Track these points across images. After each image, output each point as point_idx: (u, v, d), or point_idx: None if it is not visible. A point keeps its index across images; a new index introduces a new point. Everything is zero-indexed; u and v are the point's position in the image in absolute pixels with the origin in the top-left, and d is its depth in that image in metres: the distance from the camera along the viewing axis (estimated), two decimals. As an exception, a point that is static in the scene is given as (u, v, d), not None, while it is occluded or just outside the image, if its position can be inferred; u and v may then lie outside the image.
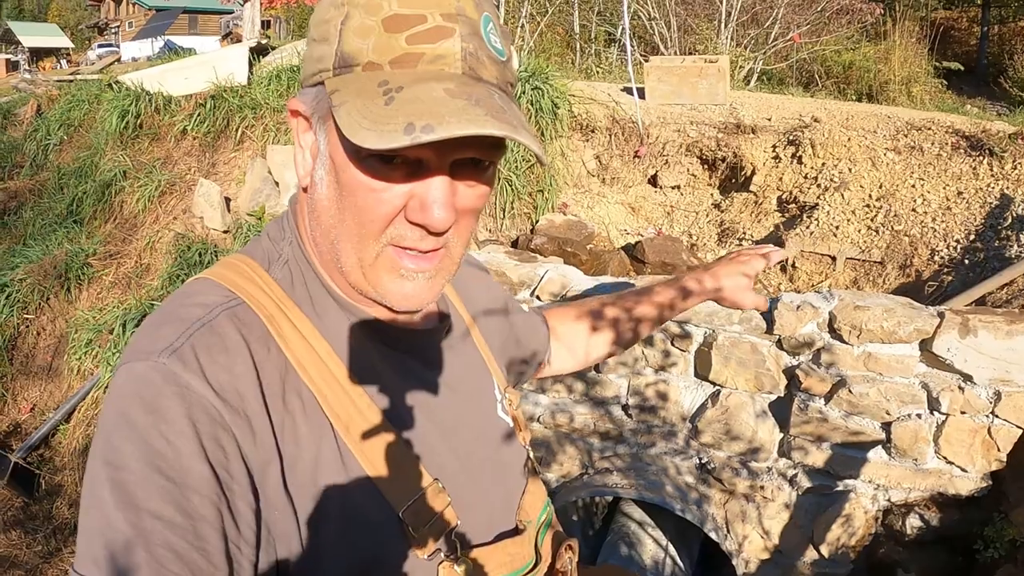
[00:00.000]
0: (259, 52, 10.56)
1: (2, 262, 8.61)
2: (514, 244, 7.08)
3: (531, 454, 1.50)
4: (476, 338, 1.49)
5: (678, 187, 7.91)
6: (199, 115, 8.87)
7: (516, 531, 1.34)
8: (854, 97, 12.45)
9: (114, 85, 10.01)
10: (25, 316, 8.08)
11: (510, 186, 7.35)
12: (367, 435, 1.10)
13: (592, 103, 8.22)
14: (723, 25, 17.94)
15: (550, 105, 7.83)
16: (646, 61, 8.65)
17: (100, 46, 60.74)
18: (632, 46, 12.17)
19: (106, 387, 6.36)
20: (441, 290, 1.17)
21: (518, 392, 1.58)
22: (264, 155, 7.96)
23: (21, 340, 8.06)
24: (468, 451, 1.29)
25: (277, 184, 7.68)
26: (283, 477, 1.03)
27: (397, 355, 1.23)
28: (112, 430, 0.94)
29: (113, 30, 76.48)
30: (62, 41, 79.42)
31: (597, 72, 13.56)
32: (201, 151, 8.87)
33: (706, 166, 7.84)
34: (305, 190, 1.14)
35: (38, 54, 74.23)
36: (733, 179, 7.71)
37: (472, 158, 1.05)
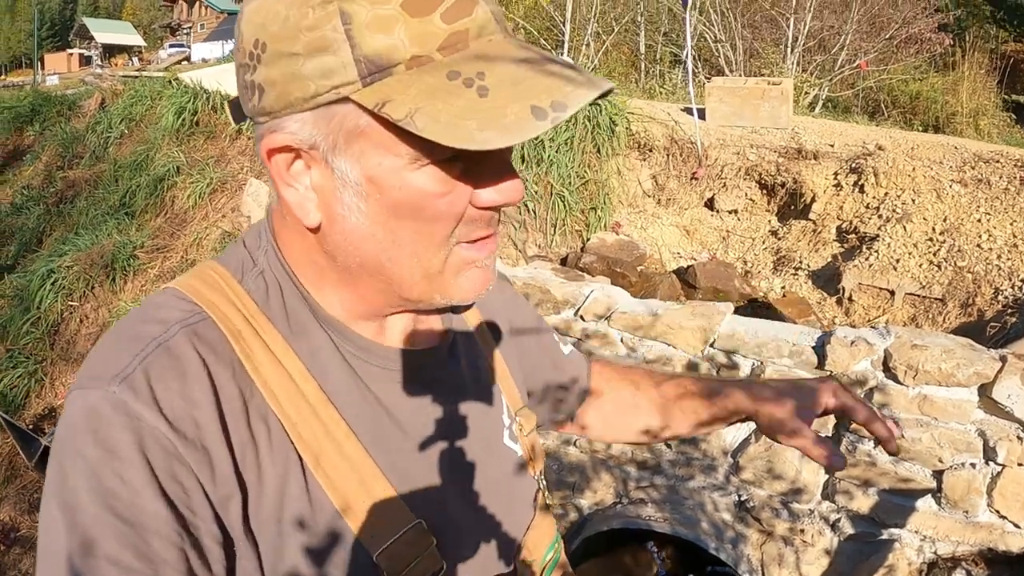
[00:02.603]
0: None
1: (53, 248, 8.75)
2: (563, 262, 6.97)
3: (543, 485, 1.35)
4: (487, 356, 1.33)
5: (735, 211, 7.75)
6: None
7: (514, 573, 1.22)
8: (920, 128, 12.20)
9: (174, 82, 10.13)
10: (70, 303, 8.08)
11: (562, 202, 7.24)
12: (340, 468, 0.99)
13: (651, 121, 8.09)
14: (789, 50, 17.78)
15: (608, 122, 7.72)
16: (709, 82, 8.50)
17: (171, 46, 61.92)
18: (696, 67, 12.03)
19: None
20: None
21: (532, 415, 1.39)
22: None
23: (64, 326, 8.06)
24: (462, 485, 1.17)
25: None
26: (244, 513, 0.94)
27: (384, 378, 1.10)
28: (67, 466, 0.87)
29: (185, 31, 78.03)
30: (135, 39, 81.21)
31: (660, 93, 13.46)
32: (254, 151, 8.67)
33: (765, 191, 7.67)
34: (316, 229, 0.99)
35: (111, 51, 76.16)
36: (792, 206, 7.53)
37: None
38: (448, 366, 1.21)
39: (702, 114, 8.02)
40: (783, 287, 6.85)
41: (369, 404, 1.06)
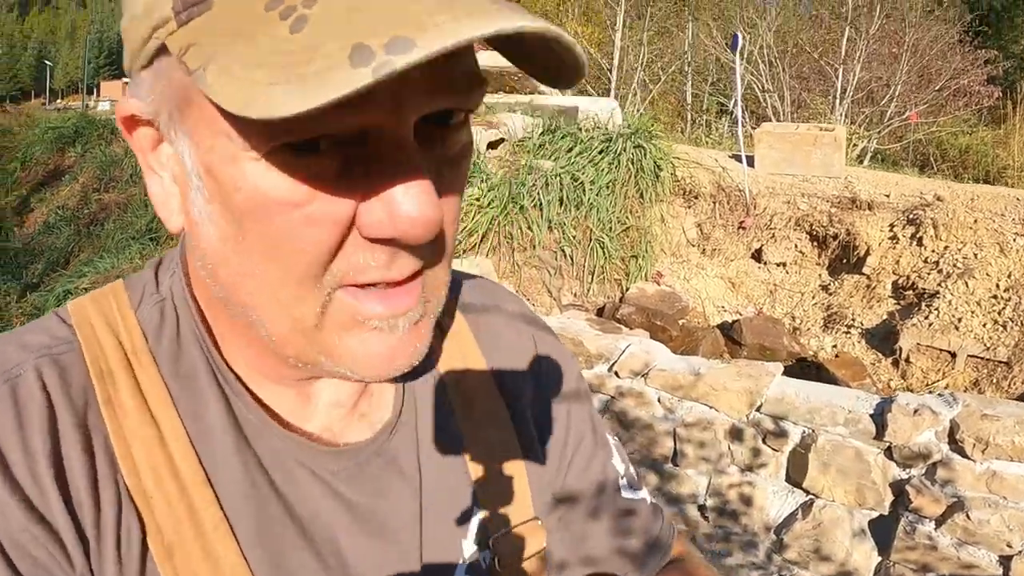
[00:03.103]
0: None
1: (75, 270, 8.81)
2: (600, 312, 6.65)
3: None
4: (471, 441, 0.94)
5: (783, 264, 7.39)
6: None
7: None
8: (971, 182, 11.97)
9: None
10: None
11: (601, 248, 6.93)
12: (197, 569, 0.73)
13: (697, 167, 7.80)
14: (838, 101, 17.71)
15: (652, 166, 7.43)
16: (758, 128, 8.21)
17: None
18: (744, 116, 11.82)
19: None
20: (430, 337, 0.73)
21: (540, 531, 0.98)
22: None
23: None
24: None
25: None
26: None
27: (291, 463, 0.80)
28: None
29: None
30: None
31: (706, 142, 13.30)
32: None
33: (815, 243, 7.32)
34: (185, 237, 0.75)
35: None
36: (844, 259, 7.17)
37: (444, 111, 0.62)
38: (394, 456, 0.88)
39: (751, 161, 7.72)
40: (835, 346, 6.47)
41: (260, 491, 0.78)
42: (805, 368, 5.98)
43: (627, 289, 6.95)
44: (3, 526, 0.68)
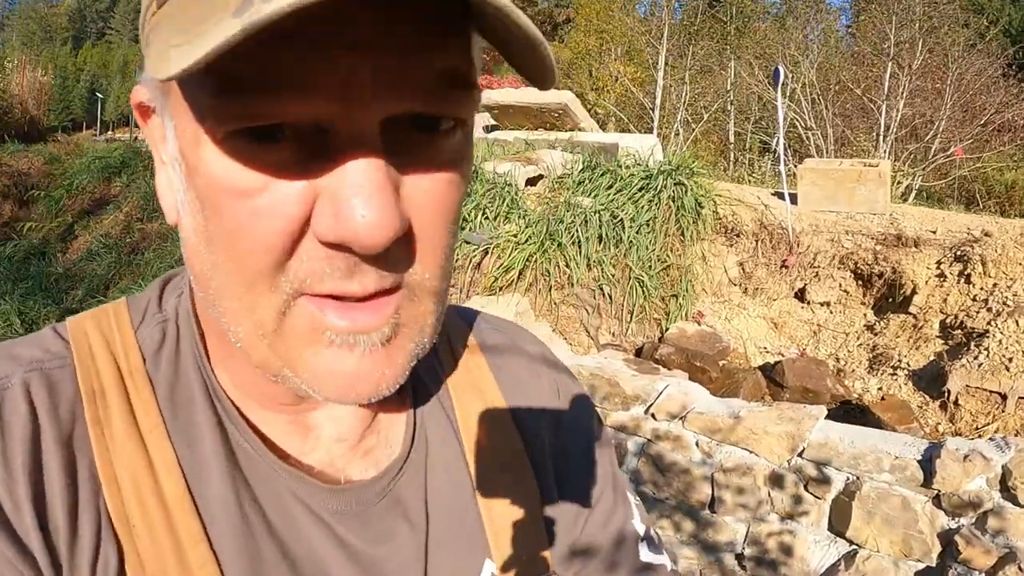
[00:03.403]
0: None
1: (112, 297, 8.71)
2: (638, 352, 6.55)
3: None
4: (483, 488, 0.89)
5: (827, 304, 7.25)
6: None
7: None
8: (1018, 217, 11.84)
9: None
10: None
11: (641, 287, 6.85)
12: None
13: (739, 204, 7.71)
14: (881, 138, 17.60)
15: (693, 203, 7.35)
16: (801, 164, 8.13)
17: None
18: (787, 153, 11.75)
19: None
20: (410, 364, 0.67)
21: None
22: None
23: None
24: None
25: None
26: None
27: (288, 500, 0.76)
28: None
29: None
30: None
31: (749, 180, 13.23)
32: None
33: (860, 282, 7.18)
34: (178, 230, 0.70)
35: None
36: (890, 298, 7.02)
37: (419, 115, 0.58)
38: (400, 499, 0.82)
39: (793, 198, 7.61)
40: (880, 388, 6.30)
41: (253, 529, 0.74)
42: (850, 411, 5.84)
43: (667, 329, 6.85)
44: None
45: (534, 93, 10.12)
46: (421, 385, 0.86)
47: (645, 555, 1.04)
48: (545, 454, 0.95)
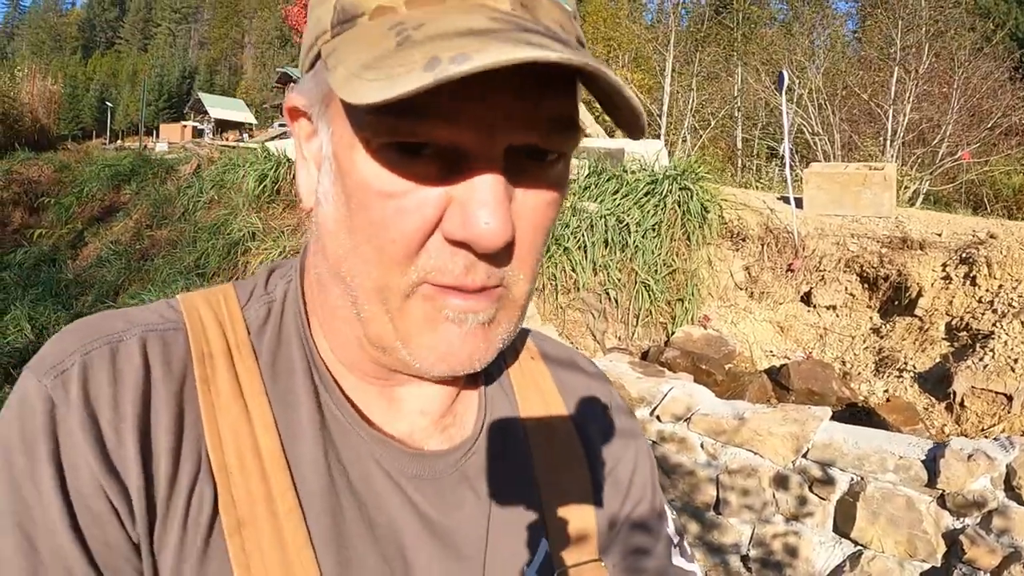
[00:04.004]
0: None
1: (122, 303, 9.08)
2: (644, 356, 6.56)
3: None
4: (543, 475, 0.99)
5: (833, 307, 7.26)
6: None
7: None
8: None
9: (258, 150, 10.44)
10: None
11: (647, 291, 6.86)
12: (265, 549, 0.78)
13: (745, 209, 7.72)
14: (888, 142, 17.55)
15: (699, 208, 7.36)
16: (807, 168, 8.12)
17: (281, 125, 64.98)
18: (794, 158, 11.74)
19: None
20: (500, 346, 0.81)
21: (603, 572, 1.02)
22: None
23: None
24: None
25: None
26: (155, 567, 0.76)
27: (370, 463, 0.85)
28: None
29: None
30: (246, 116, 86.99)
31: (756, 186, 13.23)
32: None
33: (866, 285, 7.18)
34: (313, 215, 0.85)
35: (223, 126, 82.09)
36: (896, 300, 7.02)
37: (534, 147, 0.73)
38: (469, 475, 0.93)
39: (799, 203, 7.61)
40: (886, 391, 6.30)
41: (336, 486, 0.83)
42: (855, 414, 5.83)
43: (673, 333, 6.85)
44: (73, 475, 0.74)
45: None
46: (491, 379, 0.97)
47: (677, 560, 1.13)
48: (597, 456, 1.06)
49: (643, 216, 7.34)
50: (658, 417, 4.42)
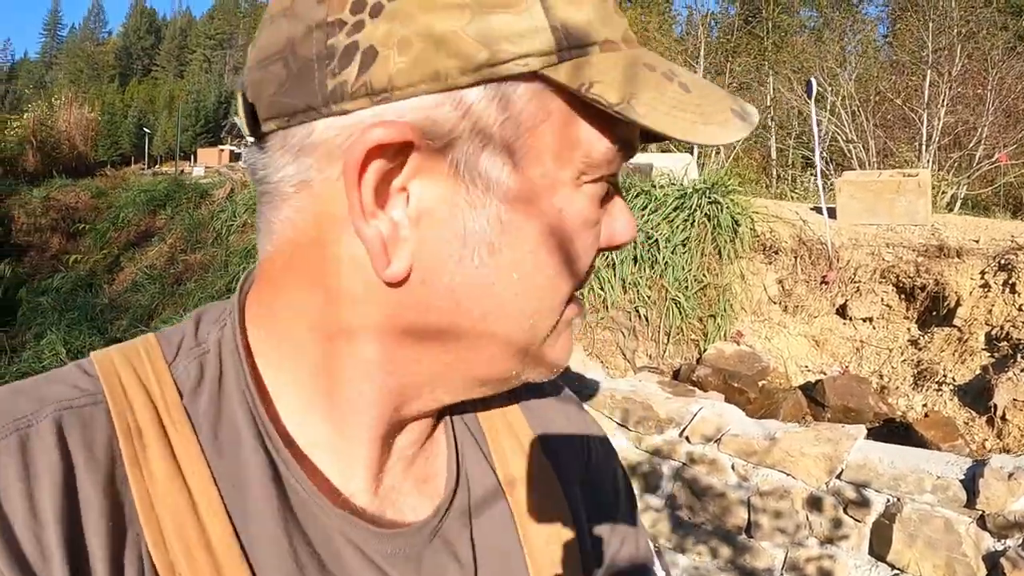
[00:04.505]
0: None
1: (153, 327, 8.95)
2: (675, 374, 6.47)
3: None
4: (524, 526, 0.89)
5: (870, 319, 7.12)
6: None
7: None
8: None
9: None
10: None
11: (677, 308, 6.77)
12: None
13: (777, 221, 7.60)
14: (924, 147, 17.34)
15: (729, 221, 7.26)
16: (839, 177, 7.99)
17: None
18: (829, 167, 11.63)
19: None
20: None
21: None
22: None
23: None
24: None
25: None
26: None
27: (339, 540, 0.74)
28: None
29: None
30: None
31: (792, 196, 13.10)
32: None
33: (903, 295, 7.04)
34: (398, 284, 0.69)
35: None
36: (934, 311, 6.87)
37: None
38: (448, 539, 0.83)
39: (832, 213, 7.49)
40: (925, 405, 6.16)
41: (309, 573, 0.72)
42: (893, 430, 5.69)
43: (705, 350, 6.75)
44: None
45: None
46: (456, 416, 0.90)
47: None
48: (575, 488, 0.97)
49: (672, 231, 7.25)
50: (687, 438, 4.34)
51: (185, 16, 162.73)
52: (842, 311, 7.20)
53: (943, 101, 17.72)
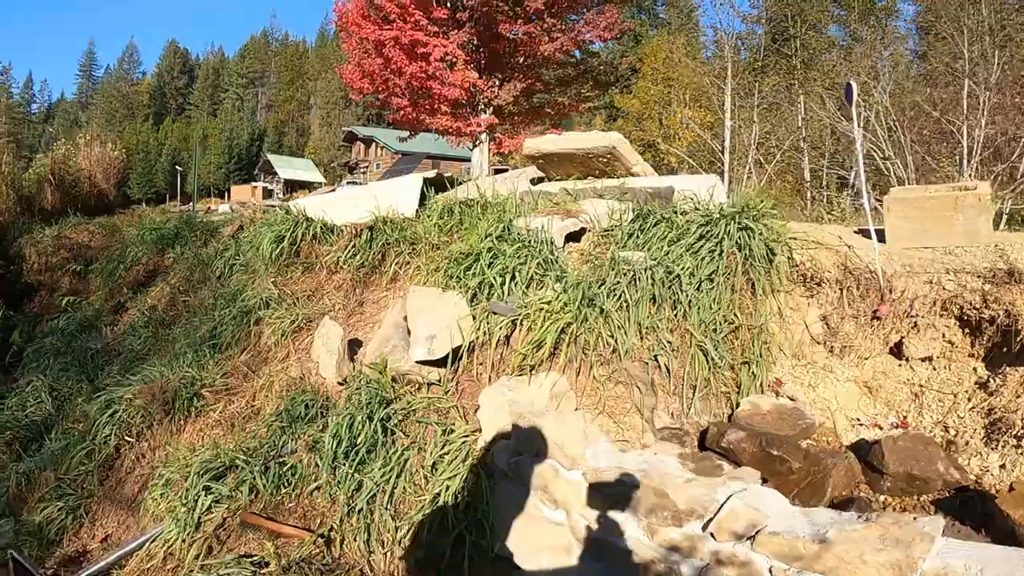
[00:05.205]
0: (438, 186, 9.98)
1: (124, 379, 8.52)
2: (702, 438, 5.46)
3: None
4: None
5: (928, 359, 6.12)
6: (353, 246, 8.43)
7: None
8: None
9: (278, 209, 10.13)
10: (127, 438, 7.69)
11: (704, 356, 5.81)
12: None
13: (818, 248, 6.65)
14: (965, 161, 16.51)
15: (763, 250, 6.30)
16: (887, 194, 7.00)
17: (349, 183, 65.78)
18: (866, 185, 10.77)
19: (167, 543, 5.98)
20: None
21: None
22: (407, 295, 6.98)
23: (119, 462, 7.67)
24: None
25: (409, 334, 6.51)
26: None
27: None
28: None
29: (362, 170, 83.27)
30: (315, 176, 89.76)
31: (828, 219, 12.22)
32: (352, 286, 8.39)
33: (967, 330, 6.06)
34: None
35: (292, 186, 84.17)
36: (1005, 347, 5.87)
37: None
38: None
39: (881, 235, 6.51)
40: (1003, 466, 5.09)
41: None
42: (967, 504, 4.66)
43: (738, 404, 5.76)
44: None
45: (578, 137, 9.04)
46: None
47: None
48: None
49: (698, 264, 6.30)
50: (712, 534, 3.41)
51: (218, 55, 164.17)
52: (897, 350, 6.21)
53: (983, 111, 17.03)
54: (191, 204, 57.95)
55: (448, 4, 22.56)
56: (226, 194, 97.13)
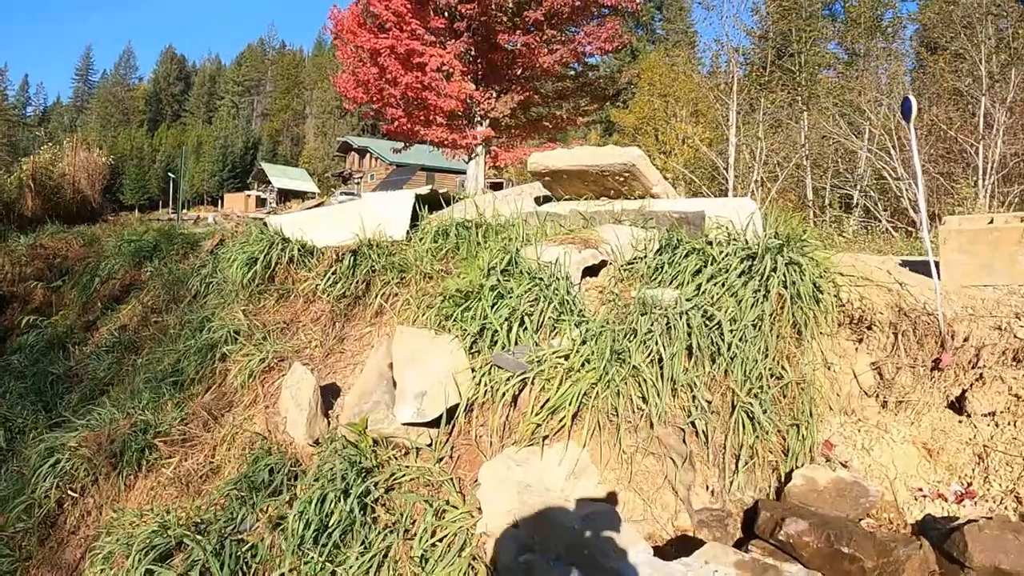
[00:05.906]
0: (432, 203, 8.98)
1: (67, 423, 7.49)
2: (748, 523, 4.58)
3: None
4: None
5: (992, 414, 5.27)
6: (334, 273, 7.39)
7: None
8: None
9: (252, 226, 9.10)
10: (71, 492, 6.62)
11: (750, 420, 4.92)
12: None
13: (867, 285, 5.82)
14: (981, 182, 15.90)
15: (811, 289, 5.45)
16: (942, 224, 6.18)
17: (343, 193, 65.43)
18: (874, 206, 10.11)
19: None
20: None
21: None
22: (393, 336, 5.92)
23: (62, 519, 6.62)
24: None
25: (395, 386, 5.48)
26: None
27: None
28: None
29: (356, 180, 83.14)
30: (308, 185, 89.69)
31: (840, 242, 11.56)
32: (331, 319, 7.32)
33: (1038, 383, 5.20)
34: None
35: (286, 195, 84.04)
36: (1084, 402, 5.00)
37: None
38: None
39: (934, 269, 5.75)
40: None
41: None
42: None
43: (787, 476, 4.86)
44: None
45: (591, 152, 7.92)
46: None
47: None
48: None
49: (740, 308, 5.40)
50: None
51: (214, 63, 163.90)
52: (957, 404, 5.38)
53: (998, 129, 16.52)
54: (185, 211, 57.28)
55: (446, 13, 21.98)
56: (219, 202, 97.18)
